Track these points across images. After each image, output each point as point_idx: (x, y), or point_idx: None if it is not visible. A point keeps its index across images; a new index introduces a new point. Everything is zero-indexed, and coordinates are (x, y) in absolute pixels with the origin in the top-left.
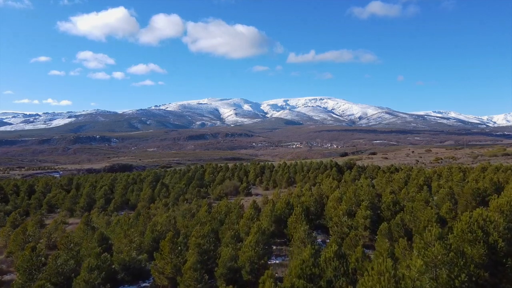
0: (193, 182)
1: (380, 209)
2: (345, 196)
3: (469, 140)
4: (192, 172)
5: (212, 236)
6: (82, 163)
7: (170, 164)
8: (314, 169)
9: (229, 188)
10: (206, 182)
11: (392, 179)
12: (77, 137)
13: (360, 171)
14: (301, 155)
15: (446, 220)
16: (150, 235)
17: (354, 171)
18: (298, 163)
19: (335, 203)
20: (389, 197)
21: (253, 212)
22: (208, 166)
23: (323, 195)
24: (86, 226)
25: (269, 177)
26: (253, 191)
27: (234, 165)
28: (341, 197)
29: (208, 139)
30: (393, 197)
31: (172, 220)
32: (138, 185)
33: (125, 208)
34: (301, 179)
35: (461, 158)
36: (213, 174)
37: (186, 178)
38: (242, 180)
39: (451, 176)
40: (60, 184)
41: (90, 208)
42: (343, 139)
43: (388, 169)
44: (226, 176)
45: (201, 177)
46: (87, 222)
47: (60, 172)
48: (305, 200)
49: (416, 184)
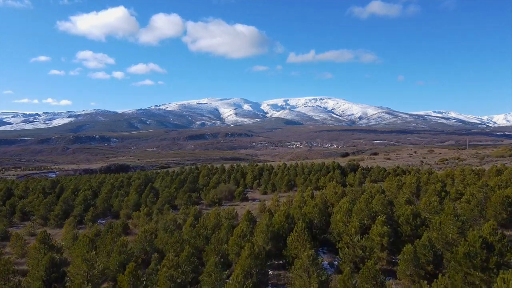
0: (185, 185)
1: (397, 222)
2: (355, 207)
3: (470, 140)
4: (185, 174)
5: (194, 260)
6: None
7: (169, 164)
8: (316, 171)
9: (224, 192)
10: (200, 185)
11: (403, 183)
12: (76, 137)
13: (365, 173)
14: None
15: (492, 245)
16: (117, 258)
17: (359, 174)
18: (298, 164)
19: (343, 215)
20: (407, 208)
21: (247, 226)
22: (203, 167)
23: (327, 203)
24: (42, 245)
25: (267, 179)
26: (250, 195)
27: (231, 166)
28: (350, 209)
29: (208, 139)
30: (412, 208)
31: (150, 235)
32: (125, 189)
33: (108, 215)
34: (302, 182)
35: (467, 159)
36: (208, 176)
37: (178, 181)
38: (239, 183)
39: (466, 180)
40: (42, 187)
41: (66, 216)
42: (343, 139)
43: (394, 171)
44: (221, 179)
45: (194, 180)
46: (44, 239)
47: (56, 173)
48: (308, 211)
49: (433, 191)
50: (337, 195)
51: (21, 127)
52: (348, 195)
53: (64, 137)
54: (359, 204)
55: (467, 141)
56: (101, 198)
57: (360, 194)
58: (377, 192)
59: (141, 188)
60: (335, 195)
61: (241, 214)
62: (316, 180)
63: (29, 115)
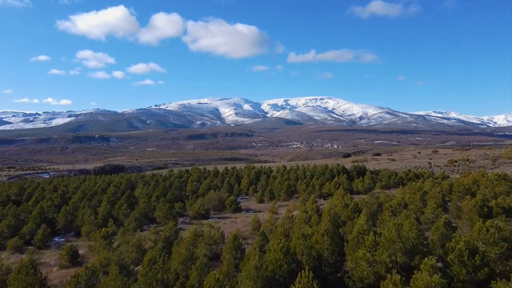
0: (170, 193)
1: (441, 257)
2: (382, 238)
3: (471, 141)
4: (173, 178)
5: None
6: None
7: (167, 164)
8: (319, 175)
9: (213, 201)
10: (188, 192)
11: (423, 191)
12: (75, 137)
13: (374, 177)
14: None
15: None
16: None
17: (368, 179)
18: (299, 166)
19: (366, 251)
20: (458, 240)
21: (229, 264)
22: (194, 170)
23: (338, 220)
24: None
25: (265, 185)
26: (245, 204)
27: (225, 169)
28: (376, 241)
29: (208, 138)
30: (466, 240)
31: (92, 275)
32: (99, 197)
33: (71, 232)
34: (304, 189)
35: (477, 161)
36: (199, 181)
37: (162, 188)
38: (233, 189)
39: (497, 188)
40: (5, 194)
41: (14, 234)
42: (343, 139)
43: (406, 175)
44: (213, 185)
45: (182, 186)
46: None
47: (50, 173)
48: (315, 241)
49: (473, 206)
50: (349, 209)
51: (21, 127)
52: (363, 209)
53: (63, 137)
54: (388, 233)
55: (470, 142)
56: (63, 211)
57: (376, 206)
58: (399, 205)
59: (116, 197)
60: (346, 209)
61: (229, 233)
62: (320, 186)
63: (29, 115)
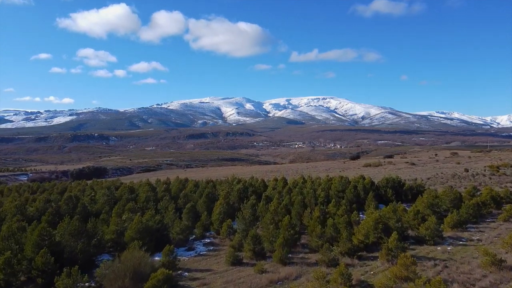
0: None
1: None
2: None
3: (475, 141)
4: (100, 205)
5: None
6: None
7: (161, 165)
8: (338, 197)
9: (120, 279)
10: (106, 241)
11: None
12: (74, 136)
13: (432, 203)
14: (303, 155)
15: None
16: None
17: (421, 205)
18: (307, 181)
19: None
20: None
21: None
22: (142, 187)
23: None
24: None
25: (252, 215)
26: (200, 269)
27: (193, 183)
28: None
29: (208, 138)
30: None
31: None
32: None
33: None
34: (318, 234)
35: None
36: (143, 209)
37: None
38: (196, 220)
39: None
40: None
41: None
42: (346, 139)
43: (469, 194)
44: (155, 221)
45: (95, 227)
46: None
47: (29, 175)
48: None
49: None
50: None
51: (22, 125)
52: None
53: (62, 136)
54: None
55: (487, 143)
56: None
57: None
58: None
59: None
60: None
61: None
62: (346, 225)
63: (31, 113)
